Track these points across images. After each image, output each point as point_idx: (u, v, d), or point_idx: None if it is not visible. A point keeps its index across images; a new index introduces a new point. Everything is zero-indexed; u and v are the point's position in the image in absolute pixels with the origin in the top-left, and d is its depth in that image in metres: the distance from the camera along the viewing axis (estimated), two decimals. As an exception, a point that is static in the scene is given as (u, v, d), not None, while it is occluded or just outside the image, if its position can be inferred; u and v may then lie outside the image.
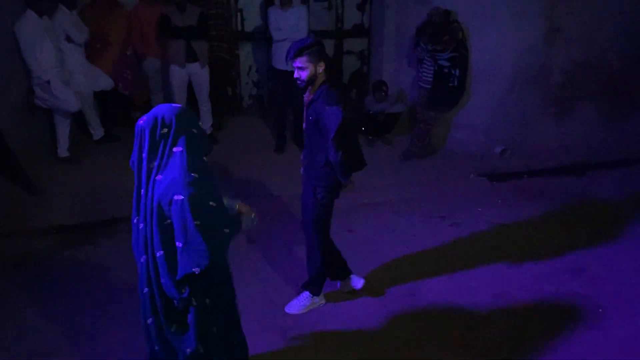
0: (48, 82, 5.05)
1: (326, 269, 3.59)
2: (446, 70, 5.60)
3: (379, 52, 6.92)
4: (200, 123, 2.31)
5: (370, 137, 6.31)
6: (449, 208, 4.99)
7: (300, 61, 3.05)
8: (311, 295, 3.61)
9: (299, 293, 3.65)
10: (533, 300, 3.74)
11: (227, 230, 2.23)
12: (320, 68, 3.09)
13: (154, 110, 2.20)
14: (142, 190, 2.22)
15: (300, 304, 3.59)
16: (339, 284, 3.77)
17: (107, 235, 4.48)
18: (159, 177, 2.16)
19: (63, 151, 5.54)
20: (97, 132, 5.97)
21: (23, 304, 3.64)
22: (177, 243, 2.14)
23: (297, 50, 3.04)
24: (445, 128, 6.17)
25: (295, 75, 3.13)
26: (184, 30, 5.58)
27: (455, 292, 3.81)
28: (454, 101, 5.78)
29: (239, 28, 6.72)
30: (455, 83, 5.61)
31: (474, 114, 5.97)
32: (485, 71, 5.82)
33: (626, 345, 3.33)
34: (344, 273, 3.74)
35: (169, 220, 2.16)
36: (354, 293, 3.74)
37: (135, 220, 2.29)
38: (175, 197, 2.09)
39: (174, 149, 2.14)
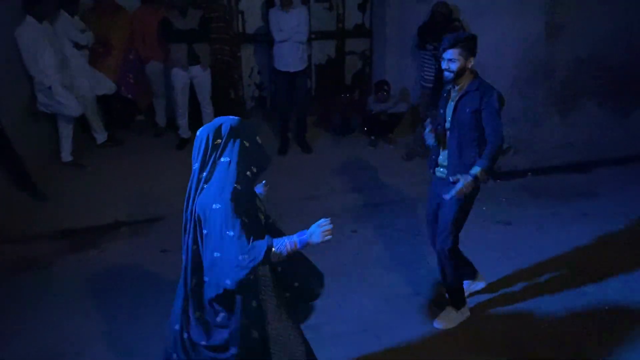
0: (50, 87, 5.07)
1: (460, 275, 3.47)
2: (448, 69, 5.58)
3: (381, 52, 6.91)
4: (257, 137, 2.28)
5: (372, 137, 6.30)
6: (453, 207, 4.97)
7: (452, 53, 3.04)
8: (457, 309, 3.48)
9: (433, 310, 3.56)
10: (537, 298, 3.72)
11: (240, 257, 2.08)
12: (470, 63, 3.10)
13: (214, 121, 2.23)
14: (190, 202, 2.21)
15: (450, 317, 3.48)
16: (466, 284, 3.64)
17: (111, 239, 4.49)
18: (205, 186, 2.17)
19: (66, 155, 5.55)
20: (101, 136, 5.98)
21: (28, 309, 3.65)
22: (215, 253, 2.12)
23: (451, 42, 3.05)
24: (449, 127, 6.15)
25: (444, 66, 3.09)
26: (185, 33, 5.59)
27: (460, 291, 3.80)
28: (456, 100, 5.76)
29: (241, 30, 6.73)
30: (457, 81, 5.59)
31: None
32: (488, 69, 5.77)
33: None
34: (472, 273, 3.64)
35: (206, 231, 2.15)
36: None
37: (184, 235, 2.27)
38: (214, 206, 2.09)
39: (222, 159, 2.16)
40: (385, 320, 3.52)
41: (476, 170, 2.99)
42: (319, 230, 2.23)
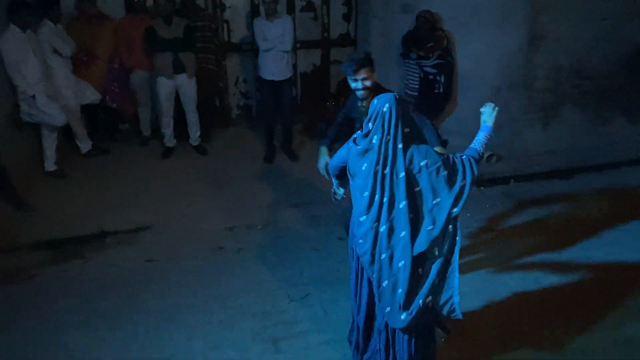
0: (33, 96, 5.03)
1: None
2: (431, 77, 5.65)
3: (366, 60, 6.96)
4: None
5: (358, 146, 6.33)
6: (438, 214, 5.01)
7: (365, 71, 3.21)
8: None
9: None
10: (522, 304, 3.77)
11: (460, 184, 2.59)
12: (376, 77, 3.30)
13: (385, 97, 2.54)
14: (387, 170, 2.52)
15: None
16: None
17: (96, 249, 4.45)
18: (400, 153, 2.51)
19: (50, 165, 5.51)
20: (85, 145, 5.94)
21: (12, 320, 3.60)
22: (434, 200, 2.54)
23: (361, 62, 3.20)
24: (433, 135, 6.21)
25: (360, 85, 3.24)
26: (170, 42, 5.59)
27: (446, 297, 3.82)
28: (440, 108, 5.83)
29: (226, 39, 6.75)
30: (441, 90, 5.67)
31: (460, 120, 6.01)
32: (471, 78, 5.88)
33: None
34: None
35: (417, 188, 2.53)
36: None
37: (377, 197, 2.55)
38: (421, 163, 2.51)
39: (405, 129, 2.52)
40: (372, 327, 3.53)
41: None
42: (490, 111, 2.81)
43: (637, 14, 6.11)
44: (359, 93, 3.28)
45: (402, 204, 2.54)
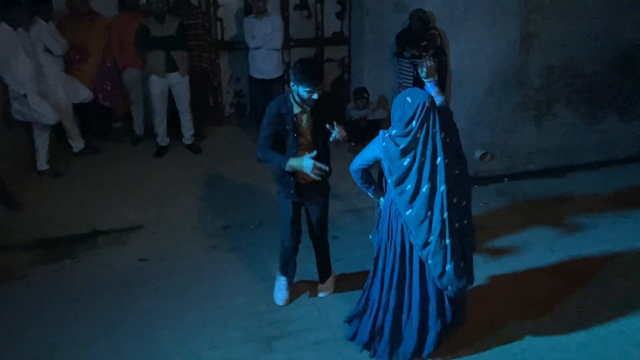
0: (25, 95, 4.99)
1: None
2: (425, 76, 5.65)
3: (359, 59, 6.96)
4: None
5: (352, 144, 6.34)
6: (431, 212, 5.02)
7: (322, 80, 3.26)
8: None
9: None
10: (512, 301, 3.79)
11: None
12: None
13: (419, 93, 2.73)
14: (435, 160, 2.72)
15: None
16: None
17: (88, 248, 4.43)
18: (448, 140, 2.78)
19: (42, 164, 5.47)
20: (77, 144, 5.91)
21: (2, 320, 3.59)
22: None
23: (320, 75, 3.23)
24: (427, 133, 6.22)
25: (315, 97, 3.21)
26: (163, 40, 5.57)
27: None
28: (433, 107, 5.84)
29: (219, 37, 6.72)
30: (435, 88, 5.67)
31: (454, 119, 6.02)
32: (465, 76, 5.89)
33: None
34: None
35: (457, 171, 2.82)
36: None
37: (425, 188, 2.74)
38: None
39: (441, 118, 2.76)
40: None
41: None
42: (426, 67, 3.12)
43: (629, 13, 6.15)
44: (312, 102, 3.26)
45: (442, 188, 2.74)
